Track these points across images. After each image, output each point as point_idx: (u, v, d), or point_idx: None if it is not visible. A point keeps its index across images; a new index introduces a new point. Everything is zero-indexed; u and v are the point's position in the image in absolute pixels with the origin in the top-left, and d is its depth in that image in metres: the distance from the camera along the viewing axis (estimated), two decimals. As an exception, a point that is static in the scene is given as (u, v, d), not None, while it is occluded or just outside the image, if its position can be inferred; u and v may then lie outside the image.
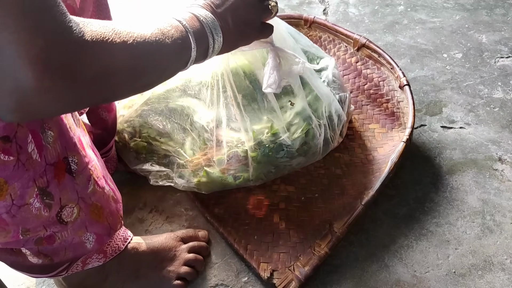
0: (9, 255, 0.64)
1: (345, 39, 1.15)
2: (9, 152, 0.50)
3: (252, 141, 0.88)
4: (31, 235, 0.58)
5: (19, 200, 0.54)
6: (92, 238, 0.68)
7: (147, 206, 0.97)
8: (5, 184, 0.51)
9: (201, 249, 0.88)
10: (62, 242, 0.64)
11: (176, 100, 0.95)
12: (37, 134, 0.53)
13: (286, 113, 0.91)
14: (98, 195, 0.66)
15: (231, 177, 0.90)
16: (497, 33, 1.30)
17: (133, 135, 0.98)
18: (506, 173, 0.97)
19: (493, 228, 0.89)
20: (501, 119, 1.08)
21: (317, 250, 0.85)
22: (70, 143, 0.59)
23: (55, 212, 0.59)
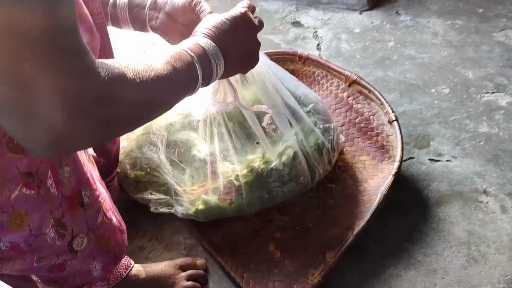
0: (21, 282, 0.67)
1: (337, 75, 1.21)
2: (31, 186, 0.55)
3: (245, 170, 0.92)
4: (44, 263, 0.62)
5: (36, 230, 0.58)
6: (99, 266, 0.72)
7: (147, 234, 1.01)
8: (25, 215, 0.56)
9: (199, 277, 0.92)
10: (71, 270, 0.68)
11: (176, 133, 1.00)
12: (55, 169, 0.58)
13: (277, 145, 0.96)
14: (106, 226, 0.70)
15: (227, 204, 0.94)
16: (482, 69, 1.37)
17: (134, 165, 1.03)
18: (490, 205, 1.02)
19: (478, 259, 0.93)
20: (486, 152, 1.13)
21: (310, 279, 0.88)
22: (84, 178, 0.64)
23: (67, 242, 0.63)
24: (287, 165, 0.93)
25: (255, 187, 0.93)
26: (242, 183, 0.92)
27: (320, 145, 0.96)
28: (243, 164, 0.93)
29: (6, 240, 0.58)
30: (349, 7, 1.67)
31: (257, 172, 0.92)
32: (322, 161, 0.99)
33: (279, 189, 0.95)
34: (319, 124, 0.99)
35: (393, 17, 1.62)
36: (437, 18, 1.59)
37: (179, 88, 0.60)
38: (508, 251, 0.94)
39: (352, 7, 1.66)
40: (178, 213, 0.96)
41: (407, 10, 1.64)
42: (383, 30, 1.56)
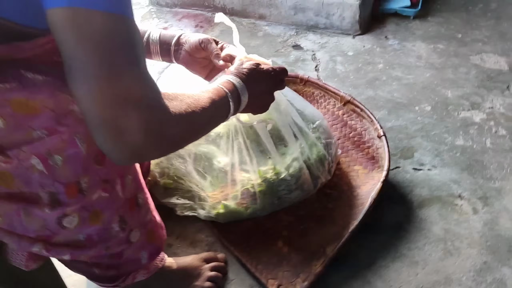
0: (88, 268, 0.85)
1: (334, 95, 1.40)
2: (107, 190, 0.73)
3: (259, 179, 1.11)
4: (110, 251, 0.80)
5: (107, 224, 0.76)
6: (146, 255, 0.90)
7: (174, 233, 1.19)
8: (101, 213, 0.74)
9: (221, 268, 1.09)
10: (126, 258, 0.85)
11: (199, 147, 1.17)
12: (123, 178, 0.76)
13: (286, 158, 1.14)
14: (152, 223, 0.88)
15: (244, 208, 1.12)
16: (460, 89, 1.57)
17: (162, 174, 1.20)
18: (464, 207, 1.21)
19: (453, 252, 1.12)
20: (461, 163, 1.32)
21: (313, 269, 1.07)
22: (139, 184, 0.82)
23: (126, 234, 0.81)
24: (294, 176, 1.11)
25: (267, 194, 1.11)
26: (257, 191, 1.10)
27: (321, 157, 1.14)
28: (257, 175, 1.11)
29: (85, 232, 0.75)
30: (343, 32, 1.86)
31: (269, 182, 1.10)
32: (324, 171, 1.17)
33: (287, 195, 1.13)
34: (321, 139, 1.17)
35: (383, 41, 1.81)
36: (422, 42, 1.79)
37: (217, 116, 0.79)
38: (478, 246, 1.12)
39: (346, 32, 1.86)
40: (201, 216, 1.14)
41: (395, 35, 1.83)
42: (374, 53, 1.75)
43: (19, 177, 0.66)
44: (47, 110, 0.63)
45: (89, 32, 0.54)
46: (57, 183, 0.67)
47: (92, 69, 0.56)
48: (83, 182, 0.70)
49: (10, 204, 0.68)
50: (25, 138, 0.63)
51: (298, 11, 1.89)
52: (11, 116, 0.62)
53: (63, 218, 0.71)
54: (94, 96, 0.56)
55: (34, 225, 0.70)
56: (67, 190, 0.69)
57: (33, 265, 0.79)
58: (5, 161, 0.63)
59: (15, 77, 0.63)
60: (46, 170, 0.66)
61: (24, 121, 0.63)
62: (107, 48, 0.56)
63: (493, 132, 1.40)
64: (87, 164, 0.69)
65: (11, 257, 0.78)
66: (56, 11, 0.54)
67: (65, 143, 0.65)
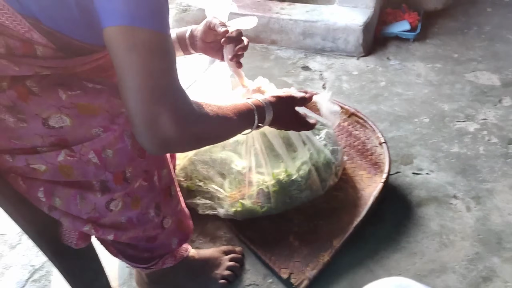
0: (126, 248, 0.99)
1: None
2: (147, 180, 0.88)
3: (273, 181, 1.25)
4: (146, 233, 0.94)
5: (144, 209, 0.90)
6: (176, 241, 1.04)
7: (196, 231, 1.32)
8: (140, 199, 0.88)
9: (238, 259, 1.22)
10: (159, 242, 0.99)
11: (217, 153, 1.33)
12: (159, 170, 0.91)
13: (296, 162, 1.29)
14: (181, 212, 1.03)
15: (259, 207, 1.26)
16: (456, 103, 1.71)
17: (186, 177, 1.35)
18: (458, 206, 1.33)
19: (448, 244, 1.24)
20: (456, 167, 1.45)
21: (321, 259, 1.19)
22: (172, 178, 0.97)
23: (160, 220, 0.95)
24: (304, 177, 1.25)
25: (280, 194, 1.25)
26: (271, 191, 1.24)
27: (328, 161, 1.28)
28: (271, 177, 1.25)
29: (127, 215, 0.90)
30: (348, 54, 2.03)
31: (282, 183, 1.24)
32: (331, 174, 1.31)
33: (298, 195, 1.26)
34: (328, 146, 1.31)
35: (385, 62, 1.97)
36: (420, 62, 1.94)
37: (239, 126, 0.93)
38: (471, 239, 1.24)
39: (351, 54, 2.02)
40: (220, 214, 1.28)
41: (396, 56, 1.99)
42: (376, 72, 1.91)
43: (78, 170, 0.81)
44: (104, 112, 0.79)
45: (139, 44, 0.70)
46: (108, 173, 0.82)
47: (138, 75, 0.71)
48: (128, 171, 0.85)
49: (69, 189, 0.83)
50: (86, 135, 0.78)
51: (306, 36, 2.07)
52: (76, 117, 0.77)
53: (110, 202, 0.85)
54: (138, 97, 0.71)
55: (86, 207, 0.85)
56: (115, 178, 0.84)
57: (82, 244, 0.93)
58: (70, 155, 0.78)
59: (79, 86, 0.79)
60: (100, 162, 0.81)
61: (86, 121, 0.78)
62: (152, 59, 0.71)
63: (486, 140, 1.53)
64: (132, 156, 0.84)
65: (63, 237, 0.92)
66: (112, 28, 0.70)
67: (116, 139, 0.81)
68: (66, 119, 0.76)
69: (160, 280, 1.13)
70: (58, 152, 0.77)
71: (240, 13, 2.15)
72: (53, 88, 0.76)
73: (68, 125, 0.77)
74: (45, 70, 0.76)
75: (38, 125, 0.75)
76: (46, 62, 0.75)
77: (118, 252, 1.02)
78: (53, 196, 0.81)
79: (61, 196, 0.82)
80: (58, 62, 0.77)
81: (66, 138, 0.77)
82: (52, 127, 0.76)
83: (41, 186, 0.80)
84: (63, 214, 0.84)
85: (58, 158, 0.77)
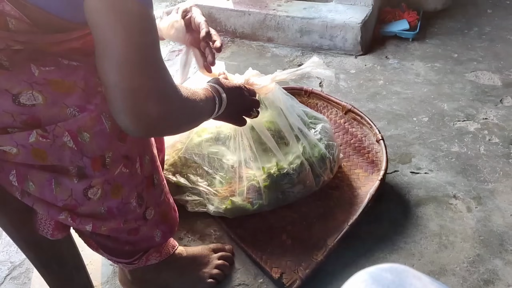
0: (106, 241, 0.93)
1: (336, 105, 1.50)
2: (127, 167, 0.82)
3: (264, 175, 1.19)
4: (127, 225, 0.88)
5: (126, 199, 0.84)
6: (160, 234, 0.98)
7: (184, 228, 1.26)
8: (121, 187, 0.83)
9: (228, 257, 1.17)
10: (142, 234, 0.93)
11: (208, 148, 1.27)
12: (141, 157, 0.85)
13: (288, 155, 1.23)
14: (166, 204, 0.97)
15: (250, 204, 1.20)
16: (456, 102, 1.66)
17: (175, 173, 1.30)
18: (458, 206, 1.28)
19: (448, 245, 1.18)
20: (456, 167, 1.40)
21: (315, 258, 1.13)
22: (156, 166, 0.91)
23: (142, 211, 0.90)
24: (296, 170, 1.20)
25: (272, 189, 1.20)
26: (262, 186, 1.19)
27: (323, 155, 1.23)
28: (261, 171, 1.20)
29: (106, 205, 0.84)
30: (346, 52, 1.98)
31: (273, 177, 1.19)
32: (325, 169, 1.25)
33: (290, 190, 1.21)
34: (324, 140, 1.26)
35: (383, 61, 1.92)
36: (420, 61, 1.90)
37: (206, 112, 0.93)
38: (471, 240, 1.18)
39: (348, 52, 1.98)
40: (210, 211, 1.22)
41: (394, 55, 1.95)
42: (375, 71, 1.86)
43: (52, 155, 0.75)
44: (79, 90, 0.74)
45: (125, 14, 0.66)
46: (85, 157, 0.77)
47: (121, 47, 0.67)
48: (107, 156, 0.79)
49: (43, 173, 0.77)
50: (60, 114, 0.73)
51: (303, 34, 2.02)
52: (49, 93, 0.72)
53: (88, 189, 0.80)
54: (121, 69, 0.68)
55: (62, 194, 0.79)
56: (93, 164, 0.78)
57: (58, 234, 0.87)
58: (42, 135, 0.73)
59: (54, 62, 0.74)
60: (76, 146, 0.75)
61: (60, 99, 0.73)
62: (138, 31, 0.68)
63: (486, 140, 1.48)
64: (111, 140, 0.78)
65: (38, 226, 0.86)
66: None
67: (93, 120, 0.75)
68: (38, 96, 0.71)
69: (144, 278, 1.07)
70: (30, 132, 0.71)
71: (236, 9, 2.11)
72: (25, 63, 0.71)
73: (40, 102, 0.71)
74: (17, 45, 0.71)
75: (7, 101, 0.69)
76: (19, 36, 0.70)
77: (98, 246, 0.96)
78: (26, 181, 0.75)
79: (35, 181, 0.77)
80: (32, 37, 0.72)
81: (38, 117, 0.71)
82: (23, 104, 0.70)
83: (12, 169, 0.74)
84: (37, 200, 0.79)
85: (30, 139, 0.71)
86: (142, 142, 0.86)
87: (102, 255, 0.99)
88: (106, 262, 1.20)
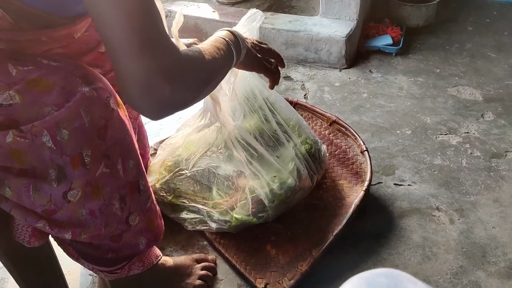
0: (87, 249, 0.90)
1: (321, 117, 1.51)
2: (108, 166, 0.80)
3: (266, 188, 1.17)
4: (109, 230, 0.86)
5: (108, 200, 0.82)
6: (144, 242, 0.96)
7: (167, 238, 1.24)
8: (102, 188, 0.80)
9: (211, 268, 1.15)
10: (125, 241, 0.91)
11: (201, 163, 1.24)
12: (124, 160, 0.83)
13: (288, 164, 1.21)
14: (152, 211, 0.95)
15: (255, 218, 1.17)
16: (438, 116, 1.68)
17: (168, 191, 1.26)
18: (441, 218, 1.29)
19: (431, 257, 1.18)
20: (439, 179, 1.41)
21: (299, 269, 1.12)
22: (141, 172, 0.89)
23: (125, 216, 0.87)
24: (296, 179, 1.18)
25: (278, 205, 1.17)
26: (266, 202, 1.15)
27: (313, 149, 1.23)
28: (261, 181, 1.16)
29: (87, 207, 0.81)
30: (330, 66, 2.00)
31: (276, 193, 1.16)
32: (318, 166, 1.25)
33: (292, 197, 1.19)
34: (310, 137, 1.26)
35: (367, 74, 1.95)
36: (403, 75, 1.92)
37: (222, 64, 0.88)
38: (454, 252, 1.19)
39: (333, 66, 2.00)
40: (212, 229, 1.19)
41: (378, 69, 1.97)
42: (359, 84, 1.88)
43: (31, 155, 0.73)
44: (59, 88, 0.72)
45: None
46: (65, 156, 0.74)
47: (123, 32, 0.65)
48: (86, 155, 0.76)
49: (21, 179, 0.74)
50: (38, 113, 0.71)
51: (289, 46, 2.03)
52: (27, 92, 0.70)
53: (68, 191, 0.77)
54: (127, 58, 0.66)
55: (41, 200, 0.76)
56: (72, 162, 0.75)
57: (35, 242, 0.84)
58: (19, 135, 0.70)
59: (33, 62, 0.72)
60: (55, 146, 0.73)
61: (37, 97, 0.71)
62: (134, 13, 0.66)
63: (468, 153, 1.50)
64: (90, 137, 0.76)
65: (15, 233, 0.83)
66: None
67: (72, 114, 0.73)
68: (15, 95, 0.69)
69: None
70: (6, 132, 0.69)
71: (222, 20, 2.12)
72: (2, 62, 0.69)
73: (18, 102, 0.69)
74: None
75: None
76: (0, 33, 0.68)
77: (78, 255, 0.93)
78: (3, 186, 0.73)
79: (12, 186, 0.74)
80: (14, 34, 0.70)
81: (15, 118, 0.69)
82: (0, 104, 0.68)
83: None
84: (14, 206, 0.76)
85: (7, 139, 0.69)
86: (124, 145, 0.83)
87: (83, 264, 0.96)
88: (85, 272, 1.17)
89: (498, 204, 1.32)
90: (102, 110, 0.77)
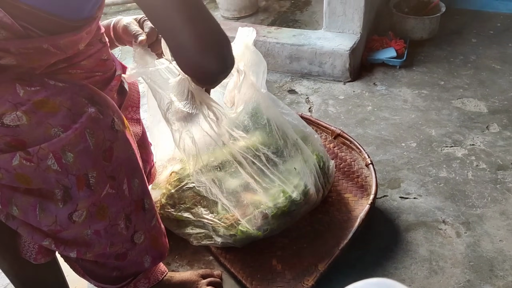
0: (93, 267, 0.91)
1: (325, 130, 1.52)
2: (113, 187, 0.81)
3: (271, 203, 1.17)
4: (114, 249, 0.86)
5: (113, 220, 0.83)
6: (149, 260, 0.96)
7: (173, 253, 1.25)
8: (107, 208, 0.81)
9: (216, 283, 1.15)
10: (130, 259, 0.91)
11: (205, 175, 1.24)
12: (129, 180, 0.84)
13: (294, 178, 1.21)
14: (157, 229, 0.95)
15: (260, 232, 1.17)
16: (443, 128, 1.68)
17: (173, 206, 1.26)
18: (448, 231, 1.28)
19: (438, 271, 1.18)
20: (445, 192, 1.41)
21: (305, 284, 1.12)
22: (146, 190, 0.90)
23: (131, 234, 0.88)
24: (301, 194, 1.18)
25: (281, 218, 1.18)
26: (270, 217, 1.16)
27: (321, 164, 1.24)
28: (269, 197, 1.17)
29: (93, 228, 0.82)
30: (335, 79, 2.01)
31: (281, 209, 1.16)
32: (327, 180, 1.26)
33: (297, 211, 1.19)
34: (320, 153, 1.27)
35: (371, 87, 1.95)
36: (407, 88, 1.93)
37: None
38: (461, 266, 1.18)
39: (337, 79, 2.01)
40: (218, 244, 1.19)
41: (382, 82, 1.98)
42: (363, 97, 1.89)
43: (37, 178, 0.74)
44: (65, 109, 0.73)
45: None
46: (70, 175, 0.75)
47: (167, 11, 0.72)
48: (91, 176, 0.77)
49: (28, 197, 0.75)
50: (45, 135, 0.72)
51: (293, 60, 2.05)
52: (33, 113, 0.71)
53: (73, 213, 0.78)
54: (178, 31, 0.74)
55: (47, 220, 0.77)
56: (78, 182, 0.76)
57: (41, 259, 0.85)
58: (26, 158, 0.71)
59: (40, 83, 0.74)
60: (60, 168, 0.74)
61: (44, 118, 0.72)
62: None
63: (474, 165, 1.50)
64: (95, 159, 0.77)
65: (22, 250, 0.84)
66: None
67: (77, 137, 0.74)
68: (22, 116, 0.70)
69: (131, 305, 1.04)
70: (13, 154, 0.70)
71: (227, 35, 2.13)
72: (10, 83, 0.70)
73: (24, 123, 0.70)
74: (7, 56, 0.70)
75: None
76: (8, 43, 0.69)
77: (84, 272, 0.93)
78: (10, 204, 0.74)
79: (19, 205, 0.75)
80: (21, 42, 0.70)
81: (22, 139, 0.70)
82: (6, 125, 0.69)
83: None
84: (21, 224, 0.77)
85: (13, 162, 0.70)
86: (130, 165, 0.84)
87: (89, 281, 0.97)
88: (90, 286, 1.17)
89: (505, 217, 1.31)
90: (107, 132, 0.78)
